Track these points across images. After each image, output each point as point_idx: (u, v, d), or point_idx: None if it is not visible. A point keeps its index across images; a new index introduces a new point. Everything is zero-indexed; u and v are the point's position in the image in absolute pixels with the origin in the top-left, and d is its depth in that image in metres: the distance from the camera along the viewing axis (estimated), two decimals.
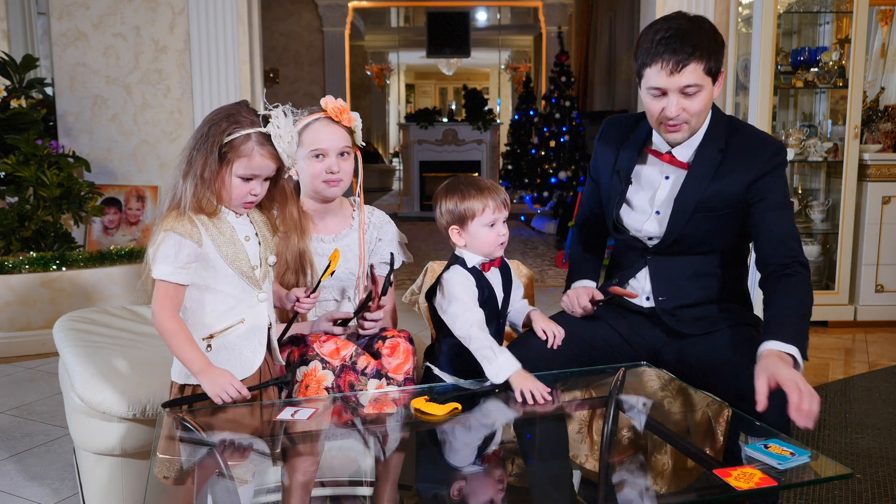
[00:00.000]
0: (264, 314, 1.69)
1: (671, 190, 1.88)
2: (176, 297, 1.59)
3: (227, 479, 1.44)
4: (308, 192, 1.95)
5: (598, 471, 1.60)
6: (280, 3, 10.30)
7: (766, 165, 1.81)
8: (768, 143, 1.85)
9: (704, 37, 1.72)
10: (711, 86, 1.77)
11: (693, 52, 1.70)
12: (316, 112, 1.90)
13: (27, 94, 4.46)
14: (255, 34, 4.39)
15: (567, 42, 9.90)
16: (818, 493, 2.22)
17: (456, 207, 1.83)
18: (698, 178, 1.84)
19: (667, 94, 1.75)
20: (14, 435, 2.71)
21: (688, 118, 1.78)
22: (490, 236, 1.83)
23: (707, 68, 1.73)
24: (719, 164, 1.83)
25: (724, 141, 1.85)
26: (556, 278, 5.55)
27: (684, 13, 1.78)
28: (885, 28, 4.55)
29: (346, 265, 1.96)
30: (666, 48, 1.71)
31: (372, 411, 1.75)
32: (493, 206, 1.82)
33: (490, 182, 1.88)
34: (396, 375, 1.81)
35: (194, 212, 1.59)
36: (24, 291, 3.62)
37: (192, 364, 1.58)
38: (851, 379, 3.30)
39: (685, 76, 1.72)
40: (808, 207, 4.29)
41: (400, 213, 9.26)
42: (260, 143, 1.59)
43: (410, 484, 1.52)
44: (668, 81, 1.73)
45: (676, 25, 1.73)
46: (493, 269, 1.89)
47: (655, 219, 1.90)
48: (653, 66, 1.74)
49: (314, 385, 1.76)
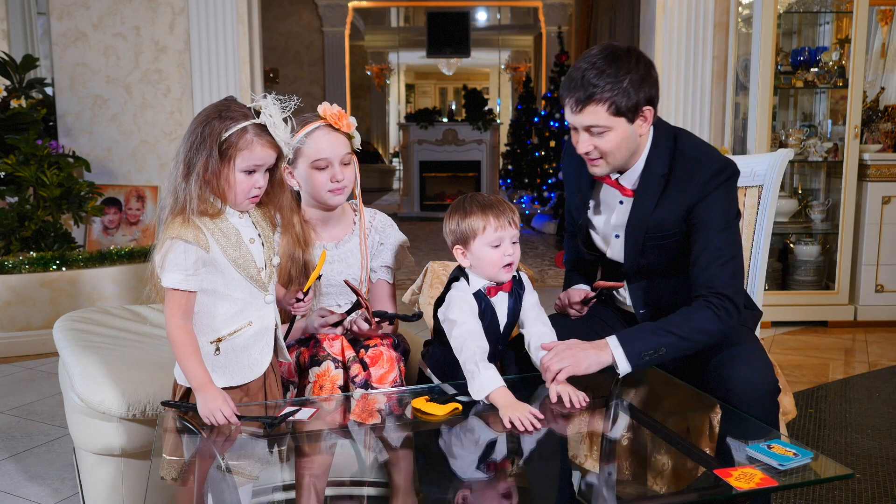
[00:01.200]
0: (271, 316, 1.69)
1: (624, 215, 1.86)
2: (187, 305, 1.58)
3: (227, 479, 1.44)
4: (310, 202, 1.92)
5: (598, 471, 1.59)
6: (280, 3, 10.30)
7: (704, 188, 1.74)
8: (708, 165, 1.76)
9: (614, 76, 1.67)
10: (627, 124, 1.72)
11: (591, 96, 1.68)
12: (313, 120, 1.85)
13: (27, 94, 4.46)
14: (255, 34, 4.39)
15: (567, 42, 9.90)
16: (818, 493, 2.22)
17: (458, 226, 1.72)
18: (643, 207, 1.80)
19: (578, 129, 1.75)
20: (14, 435, 2.71)
21: (601, 154, 1.75)
22: (493, 256, 1.70)
23: (614, 109, 1.69)
24: (662, 191, 1.78)
25: (667, 166, 1.79)
26: (556, 278, 5.55)
27: (611, 45, 1.73)
28: (885, 28, 4.55)
29: (348, 271, 1.95)
30: (567, 88, 1.72)
31: (372, 412, 1.75)
32: (496, 225, 1.69)
33: (497, 198, 1.75)
34: (381, 385, 1.80)
35: (199, 215, 1.58)
36: (24, 291, 3.62)
37: (193, 379, 1.58)
38: (851, 379, 3.30)
39: (586, 117, 1.71)
40: (808, 207, 4.29)
41: (400, 213, 9.26)
42: (257, 133, 1.59)
43: (414, 487, 1.52)
44: (573, 119, 1.73)
45: (594, 61, 1.69)
46: (501, 294, 1.77)
47: (617, 242, 1.90)
48: (564, 100, 1.74)
49: (328, 385, 1.76)
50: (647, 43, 4.40)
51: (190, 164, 1.57)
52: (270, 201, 1.71)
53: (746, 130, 4.13)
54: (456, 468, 1.53)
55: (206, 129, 1.57)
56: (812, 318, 4.10)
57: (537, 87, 11.44)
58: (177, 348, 1.58)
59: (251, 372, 1.66)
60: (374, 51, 14.50)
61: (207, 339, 1.63)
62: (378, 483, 1.49)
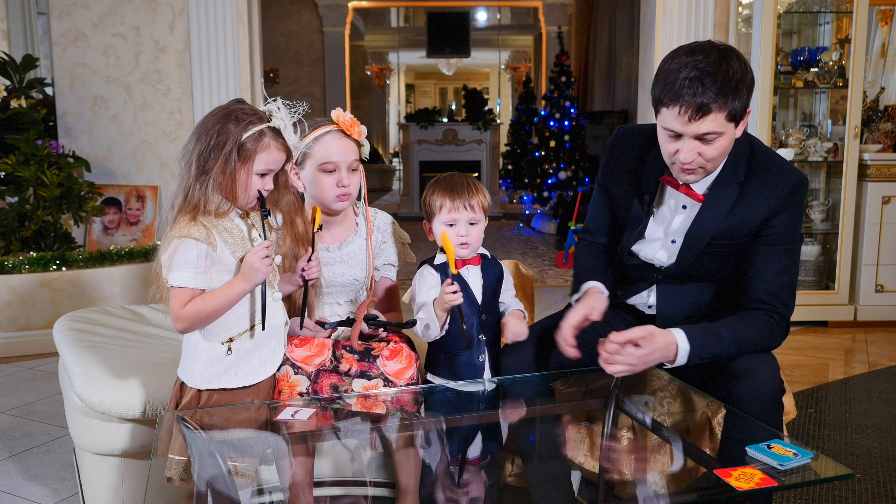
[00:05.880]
0: (280, 314, 1.70)
1: (686, 221, 1.79)
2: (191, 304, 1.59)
3: (227, 479, 1.44)
4: (313, 204, 1.92)
5: (598, 471, 1.60)
6: (280, 3, 10.30)
7: (784, 202, 1.70)
8: (788, 177, 1.72)
9: (732, 79, 1.56)
10: (734, 129, 1.63)
11: (716, 100, 1.55)
12: (325, 124, 1.86)
13: (27, 94, 4.46)
14: (255, 34, 4.39)
15: (567, 42, 9.90)
16: (818, 493, 2.22)
17: (425, 203, 1.86)
18: (714, 213, 1.73)
19: (682, 137, 1.62)
20: (14, 435, 2.71)
21: (703, 163, 1.65)
22: (449, 235, 1.80)
23: (730, 115, 1.58)
24: (737, 198, 1.72)
25: (744, 172, 1.72)
26: (556, 278, 5.55)
27: (714, 45, 1.60)
28: (885, 28, 4.55)
29: (350, 272, 1.95)
30: (687, 91, 1.55)
31: (371, 411, 1.75)
32: (450, 206, 1.80)
33: (463, 182, 1.84)
34: (398, 380, 1.80)
35: (208, 214, 1.59)
36: (24, 291, 3.62)
37: (234, 290, 1.57)
38: (851, 379, 3.30)
39: (704, 125, 1.57)
40: (808, 207, 4.29)
41: (400, 212, 9.25)
42: (273, 136, 1.61)
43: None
44: (685, 128, 1.59)
45: (704, 64, 1.56)
46: (469, 268, 1.86)
47: (670, 248, 1.82)
48: (671, 107, 1.58)
49: (287, 390, 1.75)
50: (647, 43, 4.40)
51: (205, 164, 1.57)
52: (273, 202, 1.72)
53: (746, 130, 4.12)
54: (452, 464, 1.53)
55: (223, 130, 1.57)
56: (812, 318, 4.10)
57: (537, 88, 11.43)
58: (203, 312, 1.57)
59: (262, 371, 1.67)
60: (374, 51, 14.50)
61: (219, 340, 1.63)
62: (382, 483, 1.50)
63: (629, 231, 1.86)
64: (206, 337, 1.63)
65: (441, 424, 1.72)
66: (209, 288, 1.58)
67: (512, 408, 1.80)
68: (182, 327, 1.59)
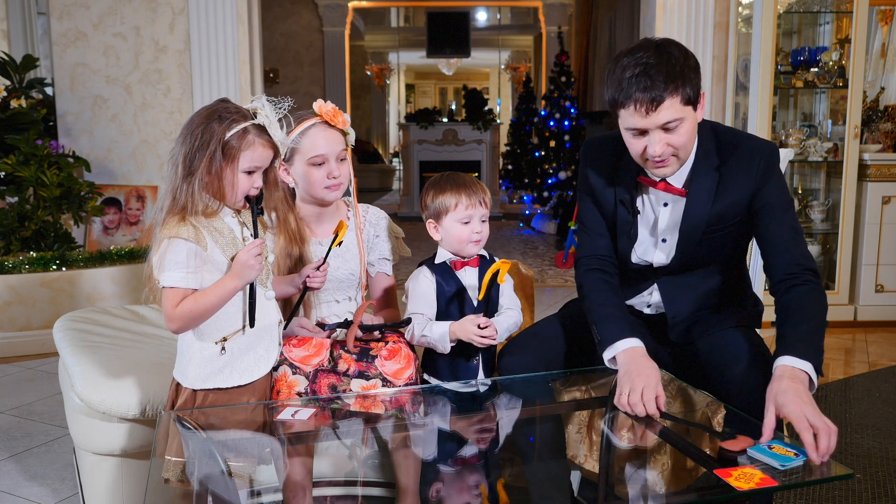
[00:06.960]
0: (273, 312, 1.70)
1: (672, 216, 1.82)
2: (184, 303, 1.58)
3: (227, 479, 1.44)
4: (305, 198, 1.93)
5: (598, 471, 1.59)
6: (280, 3, 10.30)
7: (765, 173, 1.75)
8: (760, 151, 1.77)
9: (676, 65, 1.62)
10: (693, 113, 1.68)
11: (666, 87, 1.61)
12: (309, 117, 1.86)
13: (27, 94, 4.46)
14: (255, 34, 4.39)
15: (567, 42, 9.90)
16: (818, 493, 2.22)
17: (432, 202, 1.85)
18: (700, 203, 1.77)
19: (647, 132, 1.66)
20: (14, 435, 2.71)
21: (674, 151, 1.69)
22: (462, 232, 1.82)
23: (684, 98, 1.63)
24: (718, 184, 1.76)
25: (717, 157, 1.77)
26: (556, 278, 5.55)
27: (650, 40, 1.67)
28: (885, 28, 4.55)
29: (345, 266, 1.96)
30: (637, 86, 1.61)
31: (369, 411, 1.75)
32: (467, 203, 1.81)
33: (471, 178, 1.87)
34: (397, 380, 1.80)
35: (197, 214, 1.58)
36: (24, 291, 3.62)
37: (226, 288, 1.57)
38: (851, 379, 3.30)
39: (662, 114, 1.62)
40: (808, 207, 4.29)
41: (400, 212, 9.25)
42: (258, 134, 1.60)
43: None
44: (645, 121, 1.64)
45: (646, 58, 1.62)
46: (467, 269, 1.86)
47: (662, 247, 1.85)
48: (627, 106, 1.64)
49: (285, 390, 1.75)
50: None
51: (190, 165, 1.57)
52: (265, 200, 1.72)
53: (746, 130, 4.13)
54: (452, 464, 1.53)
55: (206, 130, 1.57)
56: None
57: (537, 88, 11.43)
58: (195, 311, 1.56)
59: (257, 370, 1.67)
60: (374, 51, 14.50)
61: (213, 340, 1.63)
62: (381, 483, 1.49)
63: (621, 238, 1.88)
64: (199, 337, 1.63)
65: (441, 424, 1.71)
66: (201, 288, 1.58)
67: (512, 408, 1.80)
68: (175, 327, 1.59)
